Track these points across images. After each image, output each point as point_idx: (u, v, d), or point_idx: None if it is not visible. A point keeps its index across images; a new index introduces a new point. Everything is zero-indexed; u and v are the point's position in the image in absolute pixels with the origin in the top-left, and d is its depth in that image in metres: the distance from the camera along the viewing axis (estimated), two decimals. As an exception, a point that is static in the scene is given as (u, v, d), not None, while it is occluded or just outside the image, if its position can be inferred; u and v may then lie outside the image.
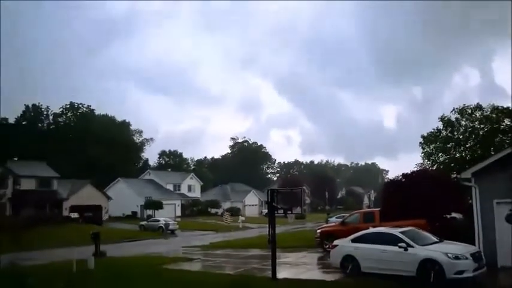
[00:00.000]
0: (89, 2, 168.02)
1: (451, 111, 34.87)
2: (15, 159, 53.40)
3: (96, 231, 26.80)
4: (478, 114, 33.98)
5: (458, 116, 34.26)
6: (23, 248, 31.41)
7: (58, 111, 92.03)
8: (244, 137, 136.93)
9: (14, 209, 45.05)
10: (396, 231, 15.15)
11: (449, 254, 13.49)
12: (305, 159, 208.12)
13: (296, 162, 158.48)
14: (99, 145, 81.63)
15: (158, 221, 50.57)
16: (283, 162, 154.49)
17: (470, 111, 33.97)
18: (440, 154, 34.19)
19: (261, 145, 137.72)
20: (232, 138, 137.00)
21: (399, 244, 14.28)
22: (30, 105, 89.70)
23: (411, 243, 14.28)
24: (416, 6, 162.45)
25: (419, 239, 14.76)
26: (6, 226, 38.21)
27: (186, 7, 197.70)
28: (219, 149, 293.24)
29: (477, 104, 34.56)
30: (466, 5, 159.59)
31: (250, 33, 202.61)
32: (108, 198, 59.70)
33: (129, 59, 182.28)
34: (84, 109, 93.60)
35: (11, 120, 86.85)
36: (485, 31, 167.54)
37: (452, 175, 27.45)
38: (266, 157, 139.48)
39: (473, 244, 15.66)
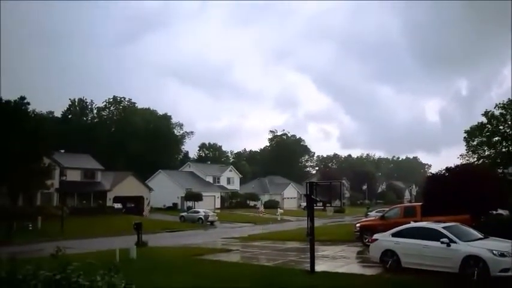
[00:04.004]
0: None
1: (495, 107, 33.71)
2: (62, 151, 55.37)
3: (138, 221, 27.49)
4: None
5: (503, 111, 33.05)
6: (69, 236, 32.77)
7: (101, 105, 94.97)
8: (283, 130, 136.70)
9: (60, 199, 46.82)
10: (439, 226, 14.74)
11: (494, 251, 13.01)
12: (344, 152, 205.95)
13: (335, 155, 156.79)
14: (140, 138, 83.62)
15: (198, 212, 51.35)
16: (322, 155, 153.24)
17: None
18: (485, 148, 33.11)
19: (300, 138, 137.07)
20: (271, 131, 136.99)
21: (441, 239, 13.88)
22: (76, 100, 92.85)
23: (454, 238, 13.86)
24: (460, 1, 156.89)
25: (462, 235, 14.31)
26: (53, 215, 39.95)
27: (222, 4, 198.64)
28: (257, 142, 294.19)
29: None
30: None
31: (288, 27, 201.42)
32: (150, 189, 61.06)
33: (167, 54, 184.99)
34: (126, 103, 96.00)
35: (58, 114, 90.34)
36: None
37: (499, 170, 26.47)
38: (305, 150, 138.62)
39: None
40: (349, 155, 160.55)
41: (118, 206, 54.88)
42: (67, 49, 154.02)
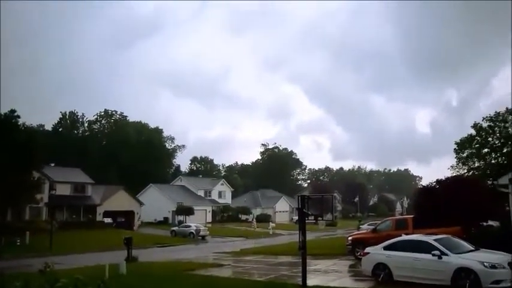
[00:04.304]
0: (117, 3, 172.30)
1: (483, 119, 34.20)
2: (52, 165, 55.00)
3: (128, 236, 27.24)
4: (511, 119, 33.12)
5: (491, 123, 33.48)
6: (58, 251, 32.32)
7: (93, 118, 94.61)
8: (275, 143, 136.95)
9: (49, 213, 46.33)
10: (430, 239, 14.77)
11: (485, 263, 13.03)
12: (336, 165, 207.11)
13: (327, 168, 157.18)
14: (132, 151, 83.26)
15: (189, 226, 51.01)
16: (314, 168, 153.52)
17: (502, 118, 33.15)
18: (475, 160, 33.42)
19: (292, 151, 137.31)
20: (263, 145, 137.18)
21: (433, 252, 13.90)
22: (67, 113, 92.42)
23: (445, 251, 13.88)
24: (451, 8, 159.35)
25: (454, 247, 14.34)
26: (42, 230, 39.43)
27: (216, 12, 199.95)
28: (249, 155, 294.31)
29: (507, 109, 33.72)
30: (503, 5, 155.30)
31: (281, 37, 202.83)
32: (141, 203, 60.63)
33: (159, 63, 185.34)
34: (118, 116, 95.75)
35: (48, 127, 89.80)
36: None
37: (488, 181, 26.65)
38: (296, 163, 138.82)
39: (511, 253, 15.09)
40: (341, 168, 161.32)
41: (108, 220, 54.39)
42: (58, 60, 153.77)
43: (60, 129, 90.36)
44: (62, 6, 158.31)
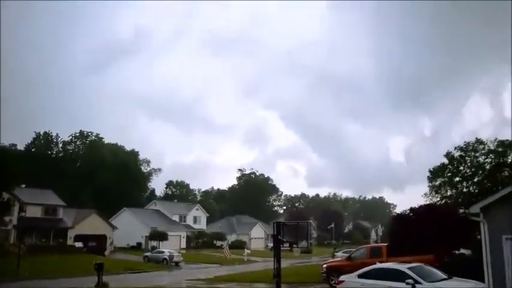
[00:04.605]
0: (97, 25, 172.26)
1: (454, 149, 35.14)
2: (23, 186, 53.60)
3: (99, 261, 26.55)
4: (481, 149, 34.08)
5: (462, 153, 34.37)
6: (25, 276, 31.20)
7: (67, 139, 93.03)
8: (252, 169, 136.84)
9: (18, 236, 44.90)
10: (403, 267, 14.85)
11: (457, 292, 13.15)
12: (311, 191, 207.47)
13: (303, 195, 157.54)
14: (106, 174, 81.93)
15: (162, 252, 50.06)
16: (290, 195, 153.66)
17: (471, 147, 34.09)
18: (447, 188, 34.08)
19: (268, 177, 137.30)
20: (240, 170, 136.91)
21: (407, 280, 13.95)
22: (41, 133, 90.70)
23: (419, 279, 13.96)
24: (426, 38, 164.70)
25: (427, 276, 14.44)
26: (9, 253, 38.08)
27: (194, 36, 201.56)
28: (226, 180, 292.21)
29: (476, 139, 34.77)
30: (475, 34, 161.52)
31: (258, 64, 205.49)
32: (113, 228, 59.35)
33: (136, 87, 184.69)
34: (93, 137, 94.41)
35: (21, 147, 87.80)
36: (494, 60, 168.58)
37: (460, 209, 27.14)
38: (273, 189, 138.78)
39: (483, 281, 15.30)
40: (317, 195, 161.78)
41: (79, 244, 52.96)
42: (34, 80, 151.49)
43: (33, 150, 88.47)
44: (38, 23, 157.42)
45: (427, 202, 33.61)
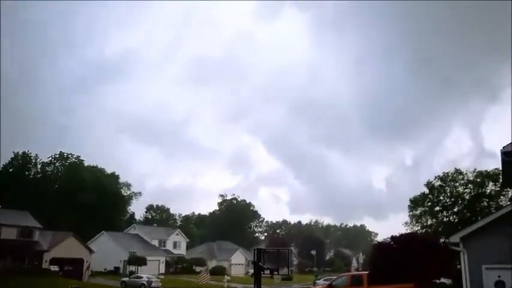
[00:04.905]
0: (82, 47, 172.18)
1: (434, 178, 35.64)
2: (-1, 207, 52.43)
3: (75, 286, 25.89)
4: (460, 179, 34.64)
5: (442, 183, 34.86)
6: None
7: (47, 160, 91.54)
8: (234, 194, 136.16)
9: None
10: (384, 295, 14.81)
11: (438, 321, 13.14)
12: (293, 218, 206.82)
13: (284, 221, 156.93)
14: (85, 196, 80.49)
15: (141, 277, 48.98)
16: (271, 221, 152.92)
17: (451, 177, 34.62)
18: (428, 217, 34.37)
19: (250, 203, 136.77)
20: (221, 195, 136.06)
21: (387, 309, 13.92)
22: (19, 153, 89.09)
23: (399, 308, 13.93)
24: (406, 68, 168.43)
25: (407, 304, 14.42)
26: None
27: (179, 61, 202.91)
28: (207, 205, 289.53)
29: (455, 169, 35.35)
30: (455, 67, 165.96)
31: (241, 90, 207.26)
32: (91, 251, 58.01)
33: (120, 109, 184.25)
34: (73, 159, 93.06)
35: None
36: (473, 93, 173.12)
37: (441, 239, 27.35)
38: (254, 215, 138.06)
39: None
40: (299, 221, 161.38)
41: (55, 268, 51.48)
42: (14, 98, 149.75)
43: (10, 170, 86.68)
44: (25, 42, 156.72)
45: (408, 231, 33.82)
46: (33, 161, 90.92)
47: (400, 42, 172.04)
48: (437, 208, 34.89)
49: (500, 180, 33.64)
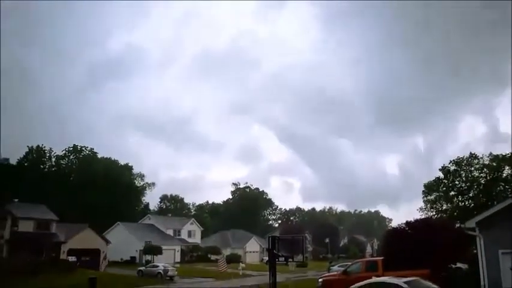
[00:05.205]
0: (90, 43, 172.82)
1: (449, 163, 35.22)
2: (15, 200, 53.07)
3: (93, 276, 26.24)
4: (475, 163, 34.18)
5: (457, 167, 34.45)
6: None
7: (61, 153, 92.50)
8: (246, 183, 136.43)
9: (11, 251, 44.29)
10: (400, 281, 14.73)
11: (454, 306, 13.07)
12: (306, 206, 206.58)
13: (298, 209, 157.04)
14: (100, 188, 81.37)
15: (157, 266, 49.54)
16: (285, 208, 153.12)
17: (466, 162, 34.18)
18: (443, 202, 34.06)
19: (263, 191, 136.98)
20: (234, 184, 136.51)
21: (403, 295, 13.86)
22: (34, 147, 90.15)
23: (415, 294, 13.87)
24: (417, 55, 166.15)
25: (423, 290, 14.35)
26: (2, 269, 37.52)
27: (186, 54, 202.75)
28: (220, 194, 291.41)
29: (471, 153, 34.85)
30: (467, 51, 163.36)
31: (249, 82, 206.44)
32: (107, 242, 58.74)
33: (129, 103, 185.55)
34: (87, 152, 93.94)
35: (13, 161, 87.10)
36: (486, 78, 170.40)
37: (456, 224, 27.12)
38: (268, 203, 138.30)
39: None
40: (313, 208, 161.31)
41: (72, 259, 52.29)
42: (28, 96, 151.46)
43: (26, 164, 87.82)
44: (32, 40, 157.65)
45: (423, 216, 33.59)
46: (48, 154, 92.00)
47: (410, 31, 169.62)
48: (452, 193, 34.55)
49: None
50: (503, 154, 33.31)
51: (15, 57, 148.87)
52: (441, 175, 34.99)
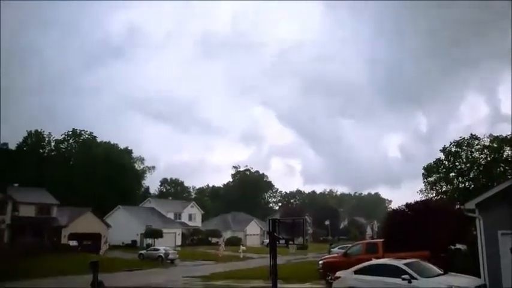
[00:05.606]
0: (90, 26, 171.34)
1: (450, 144, 35.14)
2: (16, 185, 53.18)
3: (94, 260, 26.27)
4: (475, 144, 34.13)
5: (458, 149, 34.39)
6: (19, 276, 30.90)
7: (60, 137, 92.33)
8: (247, 166, 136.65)
9: (12, 235, 44.54)
10: (400, 263, 14.81)
11: (454, 286, 13.13)
12: (307, 188, 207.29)
13: (298, 191, 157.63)
14: (100, 172, 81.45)
15: (158, 250, 49.85)
16: (285, 191, 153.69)
17: (467, 143, 34.12)
18: (443, 184, 34.11)
19: (263, 174, 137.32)
20: (234, 167, 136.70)
21: (403, 276, 13.93)
22: (32, 131, 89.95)
23: (415, 275, 13.93)
24: (420, 36, 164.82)
25: (423, 271, 14.42)
26: (3, 253, 37.75)
27: (188, 36, 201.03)
28: (220, 177, 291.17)
29: (471, 134, 34.78)
30: (469, 33, 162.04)
31: (252, 64, 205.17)
32: (108, 226, 59.05)
33: (131, 87, 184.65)
34: (87, 136, 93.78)
35: (12, 146, 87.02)
36: (488, 59, 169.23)
37: (456, 205, 27.14)
38: (268, 186, 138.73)
39: (479, 276, 15.28)
40: (313, 191, 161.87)
41: (73, 243, 52.63)
42: (27, 79, 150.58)
43: (25, 149, 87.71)
44: (31, 23, 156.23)
45: (423, 198, 33.67)
46: (47, 139, 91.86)
47: (412, 11, 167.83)
48: (452, 174, 34.54)
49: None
50: (504, 135, 33.25)
51: (12, 37, 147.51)
52: (442, 156, 34.91)
